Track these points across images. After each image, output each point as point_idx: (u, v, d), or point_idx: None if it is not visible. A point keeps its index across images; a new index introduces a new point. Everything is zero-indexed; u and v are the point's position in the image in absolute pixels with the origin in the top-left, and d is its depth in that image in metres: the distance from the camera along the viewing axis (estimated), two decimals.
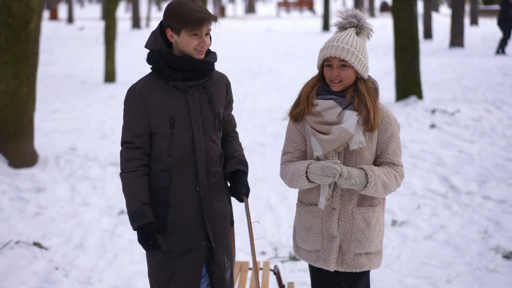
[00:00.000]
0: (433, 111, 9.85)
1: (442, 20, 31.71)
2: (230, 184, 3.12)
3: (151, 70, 3.01)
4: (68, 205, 6.57)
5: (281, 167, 3.14)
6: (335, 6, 56.50)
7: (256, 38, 26.71)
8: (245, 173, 3.11)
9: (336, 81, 2.96)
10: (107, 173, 7.55)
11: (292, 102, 3.16)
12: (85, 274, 4.90)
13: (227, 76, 3.17)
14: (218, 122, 3.04)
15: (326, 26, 29.74)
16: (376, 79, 3.11)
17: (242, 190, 3.06)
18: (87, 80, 15.57)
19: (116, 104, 12.27)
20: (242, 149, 3.21)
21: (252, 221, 3.15)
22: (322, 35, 27.40)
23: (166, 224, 2.95)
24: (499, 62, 15.32)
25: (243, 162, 3.13)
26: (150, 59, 2.98)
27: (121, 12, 51.77)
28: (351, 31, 2.99)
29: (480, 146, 8.15)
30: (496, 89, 11.65)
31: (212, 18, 2.90)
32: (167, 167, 2.95)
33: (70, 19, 38.87)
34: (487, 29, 25.64)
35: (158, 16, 49.06)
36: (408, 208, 6.23)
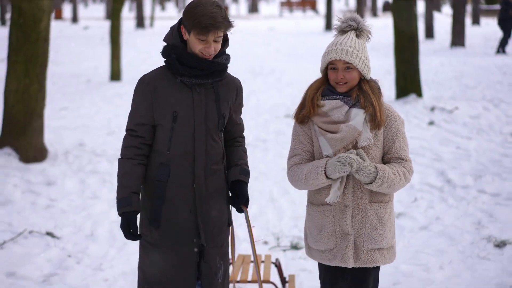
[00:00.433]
0: (432, 109, 10.08)
1: (444, 20, 31.90)
2: (231, 195, 3.18)
3: (164, 63, 3.07)
4: (78, 198, 6.82)
5: (291, 170, 3.16)
6: (338, 6, 56.72)
7: (259, 38, 26.96)
8: (246, 184, 3.18)
9: (342, 83, 3.05)
10: (115, 168, 7.71)
11: (294, 101, 3.30)
12: (96, 261, 5.16)
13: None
14: (222, 123, 3.08)
15: (329, 26, 29.97)
16: (377, 78, 3.22)
17: (242, 202, 3.15)
18: (93, 79, 15.83)
19: (122, 102, 12.52)
20: (247, 156, 3.27)
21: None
22: (325, 35, 27.64)
23: (160, 217, 3.02)
24: (499, 61, 15.55)
25: (245, 172, 3.19)
26: (164, 52, 3.04)
27: (125, 12, 52.02)
28: (352, 34, 3.07)
29: (477, 143, 8.38)
30: (495, 88, 11.88)
31: (222, 28, 2.91)
32: (166, 161, 3.01)
33: (75, 19, 39.18)
34: (489, 29, 25.83)
35: (162, 16, 49.39)
36: (406, 201, 6.46)
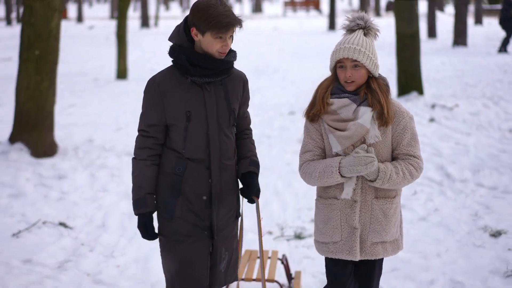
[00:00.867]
0: (433, 106, 10.29)
1: (447, 20, 32.06)
2: (242, 186, 3.23)
3: (172, 64, 3.12)
4: (89, 191, 7.05)
5: (303, 167, 3.23)
6: (341, 6, 56.94)
7: (263, 37, 27.17)
8: (257, 175, 3.23)
9: (349, 81, 3.11)
10: (124, 163, 8.03)
11: (298, 98, 3.43)
12: (108, 249, 5.39)
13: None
14: (233, 119, 3.16)
15: (332, 26, 30.17)
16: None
17: (253, 193, 3.21)
18: (100, 77, 16.07)
19: (129, 100, 12.77)
20: (255, 148, 3.33)
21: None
22: (328, 34, 27.84)
23: (174, 210, 3.09)
24: (500, 60, 15.74)
25: (255, 163, 3.25)
26: (172, 53, 3.08)
27: (130, 12, 52.13)
28: (359, 33, 3.13)
29: (476, 139, 8.58)
30: (495, 86, 12.08)
31: (238, 23, 3.00)
32: (183, 157, 3.08)
33: (80, 18, 39.44)
34: (491, 29, 26.01)
35: (166, 16, 49.64)
36: (406, 194, 6.66)
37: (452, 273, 4.67)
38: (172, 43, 3.11)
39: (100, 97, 13.23)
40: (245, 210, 3.53)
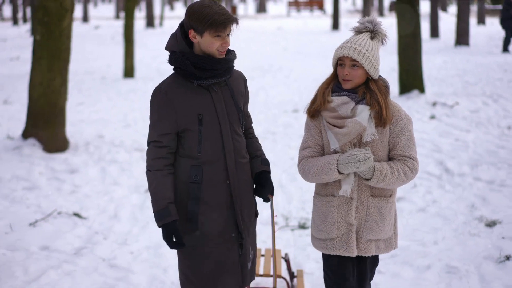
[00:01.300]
0: (434, 104, 10.54)
1: (450, 19, 32.28)
2: (256, 186, 3.26)
3: (174, 71, 3.12)
4: (100, 184, 7.32)
5: (302, 163, 3.30)
6: (345, 6, 57.15)
7: (267, 37, 27.44)
8: (269, 173, 3.28)
9: (347, 79, 3.18)
10: (133, 158, 8.30)
11: (302, 96, 3.59)
12: (122, 237, 5.66)
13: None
14: (242, 117, 3.19)
15: (336, 25, 30.44)
16: (383, 75, 3.35)
17: (268, 191, 3.24)
18: (107, 76, 16.36)
19: (136, 98, 13.06)
20: (261, 145, 3.38)
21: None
22: (332, 34, 28.10)
23: (197, 219, 3.06)
24: (501, 60, 15.98)
25: (266, 162, 3.30)
26: (173, 61, 3.07)
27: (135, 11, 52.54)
28: (366, 35, 3.21)
29: (475, 135, 8.82)
30: (495, 84, 12.33)
31: (234, 20, 3.03)
32: (198, 163, 3.06)
33: (85, 18, 39.75)
34: (494, 28, 26.21)
35: (171, 16, 49.92)
36: (405, 187, 6.90)
37: (448, 259, 4.93)
38: (171, 52, 3.10)
39: (108, 95, 13.52)
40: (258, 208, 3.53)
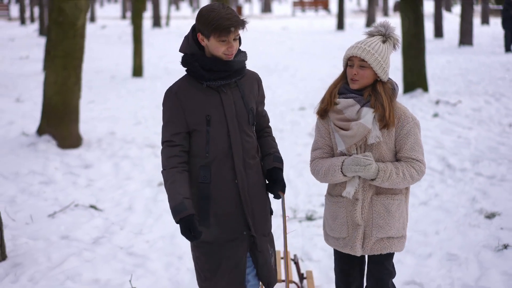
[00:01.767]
0: (437, 102, 10.78)
1: (454, 20, 32.47)
2: (268, 182, 3.31)
3: (186, 73, 3.20)
4: (113, 179, 7.59)
5: (312, 163, 3.40)
6: (350, 6, 57.34)
7: (273, 37, 27.69)
8: (281, 170, 3.31)
9: (355, 80, 3.24)
10: (145, 153, 8.57)
11: (308, 95, 3.77)
12: (137, 228, 5.93)
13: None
14: (252, 117, 3.22)
15: (341, 25, 30.70)
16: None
17: (279, 188, 3.29)
18: (116, 75, 16.65)
19: (145, 96, 13.33)
20: (276, 144, 3.42)
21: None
22: (337, 34, 28.36)
23: (209, 217, 3.14)
24: (504, 59, 16.20)
25: (279, 159, 3.32)
26: (184, 62, 3.16)
27: None
28: (377, 38, 3.27)
29: (477, 132, 9.06)
30: (497, 83, 12.56)
31: (240, 25, 3.04)
32: (206, 163, 3.13)
33: (92, 18, 40.07)
34: (497, 29, 26.37)
35: (176, 15, 50.20)
36: None
37: (449, 248, 5.18)
38: (184, 54, 3.19)
39: (118, 94, 13.80)
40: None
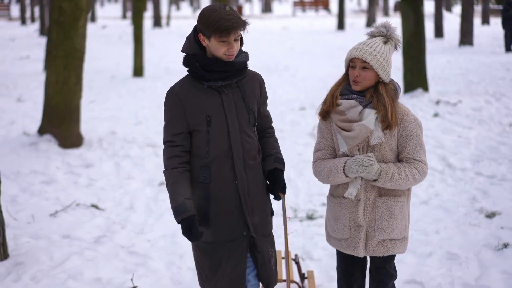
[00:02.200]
0: (437, 102, 10.80)
1: (454, 20, 32.48)
2: (268, 183, 3.31)
3: (188, 73, 3.21)
4: (115, 178, 7.61)
5: (315, 164, 3.40)
6: (350, 6, 57.34)
7: (273, 37, 27.70)
8: (282, 171, 3.30)
9: (357, 81, 3.24)
10: (146, 153, 8.59)
11: (308, 95, 3.74)
12: (138, 227, 5.95)
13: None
14: (253, 118, 3.21)
15: (341, 25, 30.71)
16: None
17: (279, 189, 3.28)
18: (117, 75, 16.66)
19: (146, 96, 13.35)
20: (279, 145, 3.40)
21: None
22: (337, 34, 28.37)
23: (209, 217, 3.14)
24: (504, 59, 16.22)
25: (280, 160, 3.31)
26: (186, 62, 3.17)
27: None
28: (379, 39, 3.27)
29: (478, 132, 9.08)
30: (497, 83, 12.58)
31: (240, 26, 3.04)
32: (206, 163, 3.14)
33: (93, 18, 40.09)
34: (498, 29, 26.35)
35: (177, 15, 50.21)
36: None
37: (449, 247, 5.19)
38: (186, 54, 3.20)
39: (118, 94, 13.82)
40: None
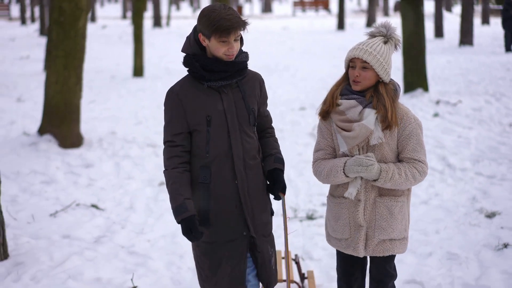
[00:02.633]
0: (437, 102, 10.80)
1: (454, 20, 32.48)
2: (268, 183, 3.30)
3: (188, 73, 3.21)
4: (115, 178, 7.61)
5: (315, 164, 3.40)
6: (350, 6, 57.33)
7: (273, 37, 27.70)
8: (282, 171, 3.29)
9: (357, 81, 3.24)
10: (146, 153, 8.59)
11: (308, 95, 3.73)
12: (138, 227, 5.95)
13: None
14: (253, 118, 3.21)
15: (341, 25, 30.71)
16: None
17: (279, 189, 3.27)
18: (117, 75, 16.66)
19: (146, 96, 13.35)
20: (279, 145, 3.40)
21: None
22: (337, 34, 28.37)
23: (209, 217, 3.14)
24: (504, 59, 16.22)
25: (280, 160, 3.31)
26: (186, 62, 3.17)
27: None
28: (379, 39, 3.27)
29: (478, 132, 9.08)
30: (497, 83, 12.58)
31: (240, 26, 3.04)
32: (206, 163, 3.14)
33: (93, 18, 40.10)
34: (498, 29, 26.36)
35: (177, 15, 50.21)
36: None
37: (449, 247, 5.19)
38: (186, 54, 3.20)
39: (118, 93, 13.82)
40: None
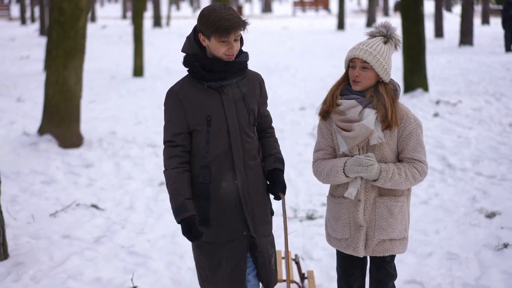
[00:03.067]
0: (437, 102, 10.79)
1: (454, 20, 32.47)
2: (268, 183, 3.30)
3: (188, 73, 3.21)
4: (115, 178, 7.61)
5: (315, 164, 3.40)
6: (350, 6, 57.33)
7: (273, 37, 27.70)
8: (282, 171, 3.29)
9: (357, 81, 3.24)
10: (146, 153, 8.59)
11: (308, 95, 3.73)
12: (138, 227, 5.95)
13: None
14: (253, 118, 3.21)
15: (341, 25, 30.72)
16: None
17: (279, 189, 3.28)
18: (117, 75, 16.66)
19: (146, 96, 13.35)
20: (279, 145, 3.40)
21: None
22: (337, 34, 28.37)
23: (209, 217, 3.15)
24: (504, 59, 16.21)
25: (280, 160, 3.31)
26: (186, 62, 3.17)
27: None
28: (379, 39, 3.27)
29: (478, 132, 9.08)
30: (497, 83, 12.58)
31: (240, 26, 3.04)
32: (206, 163, 3.14)
33: (93, 18, 40.10)
34: (498, 29, 26.35)
35: (177, 15, 50.21)
36: None
37: (449, 247, 5.19)
38: (186, 54, 3.20)
39: (119, 94, 13.82)
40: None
